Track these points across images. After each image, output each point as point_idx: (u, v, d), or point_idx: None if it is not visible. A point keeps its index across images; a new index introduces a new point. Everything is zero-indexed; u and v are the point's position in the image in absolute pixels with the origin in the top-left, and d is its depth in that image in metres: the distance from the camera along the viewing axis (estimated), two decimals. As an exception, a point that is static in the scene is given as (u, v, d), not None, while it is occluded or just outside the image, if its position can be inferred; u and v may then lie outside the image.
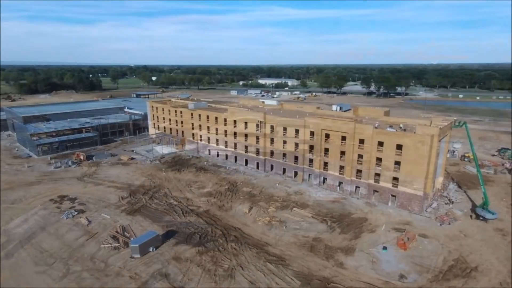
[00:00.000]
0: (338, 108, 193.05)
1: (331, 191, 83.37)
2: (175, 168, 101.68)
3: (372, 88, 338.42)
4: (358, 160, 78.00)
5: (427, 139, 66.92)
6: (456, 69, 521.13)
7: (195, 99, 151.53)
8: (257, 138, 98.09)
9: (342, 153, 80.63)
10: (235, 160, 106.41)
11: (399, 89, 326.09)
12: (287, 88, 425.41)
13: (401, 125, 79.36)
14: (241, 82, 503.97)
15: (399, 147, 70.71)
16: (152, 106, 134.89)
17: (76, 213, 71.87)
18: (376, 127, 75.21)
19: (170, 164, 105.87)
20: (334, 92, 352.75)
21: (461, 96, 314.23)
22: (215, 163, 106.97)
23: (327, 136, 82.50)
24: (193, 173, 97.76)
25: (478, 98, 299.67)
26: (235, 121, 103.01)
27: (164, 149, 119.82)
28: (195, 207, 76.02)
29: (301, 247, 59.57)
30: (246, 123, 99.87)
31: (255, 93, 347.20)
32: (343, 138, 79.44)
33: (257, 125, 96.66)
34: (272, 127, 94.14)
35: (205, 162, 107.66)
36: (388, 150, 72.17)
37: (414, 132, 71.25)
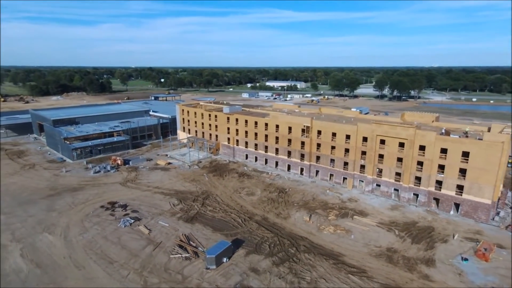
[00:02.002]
0: (358, 111, 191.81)
1: (386, 198, 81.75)
2: (216, 174, 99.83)
3: (385, 91, 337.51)
4: (417, 167, 76.47)
5: (497, 146, 65.43)
6: (460, 72, 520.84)
7: (225, 102, 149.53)
8: (302, 143, 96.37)
9: (399, 159, 79.09)
10: (276, 165, 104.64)
11: (412, 92, 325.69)
12: (298, 90, 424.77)
13: (468, 129, 77.97)
14: (249, 85, 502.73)
15: (465, 154, 69.18)
16: (183, 110, 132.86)
17: (132, 220, 69.88)
18: (442, 134, 73.70)
19: (210, 169, 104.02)
20: (345, 95, 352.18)
21: (474, 99, 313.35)
22: (255, 168, 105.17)
23: (382, 142, 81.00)
24: (236, 179, 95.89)
25: (492, 101, 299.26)
26: (277, 126, 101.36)
27: (200, 154, 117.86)
28: (252, 214, 74.25)
29: (377, 258, 57.81)
30: (290, 127, 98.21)
31: (266, 96, 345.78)
32: (401, 145, 77.96)
33: (303, 130, 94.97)
34: (319, 132, 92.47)
35: (245, 167, 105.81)
36: (453, 157, 70.59)
37: (479, 139, 69.84)
